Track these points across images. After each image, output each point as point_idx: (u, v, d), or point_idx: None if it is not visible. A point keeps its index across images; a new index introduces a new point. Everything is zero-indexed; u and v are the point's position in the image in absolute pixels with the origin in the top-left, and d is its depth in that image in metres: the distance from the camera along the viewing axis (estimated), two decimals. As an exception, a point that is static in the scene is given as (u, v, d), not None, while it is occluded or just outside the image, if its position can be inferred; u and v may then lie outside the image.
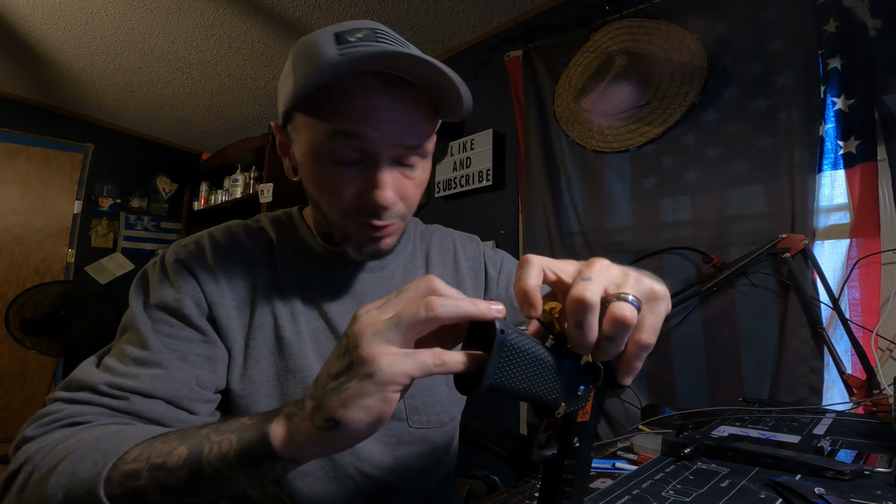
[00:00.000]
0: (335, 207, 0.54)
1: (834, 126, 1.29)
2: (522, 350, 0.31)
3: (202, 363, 0.54)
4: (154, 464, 0.38)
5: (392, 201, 0.53)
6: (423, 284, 0.33)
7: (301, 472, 0.59)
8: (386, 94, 0.49)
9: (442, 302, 0.30)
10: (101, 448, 0.40)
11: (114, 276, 3.52)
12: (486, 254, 0.78)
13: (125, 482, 0.38)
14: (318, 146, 0.51)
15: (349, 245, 0.57)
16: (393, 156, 0.52)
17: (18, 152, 3.21)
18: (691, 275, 1.52)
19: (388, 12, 2.15)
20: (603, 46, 1.77)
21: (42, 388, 3.16)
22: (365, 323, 0.32)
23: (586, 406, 0.35)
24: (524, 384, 0.31)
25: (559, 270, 0.34)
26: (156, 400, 0.49)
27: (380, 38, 0.49)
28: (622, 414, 1.59)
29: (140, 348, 0.52)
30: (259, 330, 0.59)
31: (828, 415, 0.92)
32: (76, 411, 0.47)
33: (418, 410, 0.65)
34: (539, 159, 1.94)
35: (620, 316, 0.30)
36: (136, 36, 2.37)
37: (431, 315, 0.30)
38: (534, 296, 0.32)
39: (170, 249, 0.59)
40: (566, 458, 0.35)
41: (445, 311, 0.30)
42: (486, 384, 0.30)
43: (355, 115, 0.48)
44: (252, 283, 0.60)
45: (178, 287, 0.55)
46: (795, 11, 1.37)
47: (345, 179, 0.52)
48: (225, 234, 0.62)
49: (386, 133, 0.50)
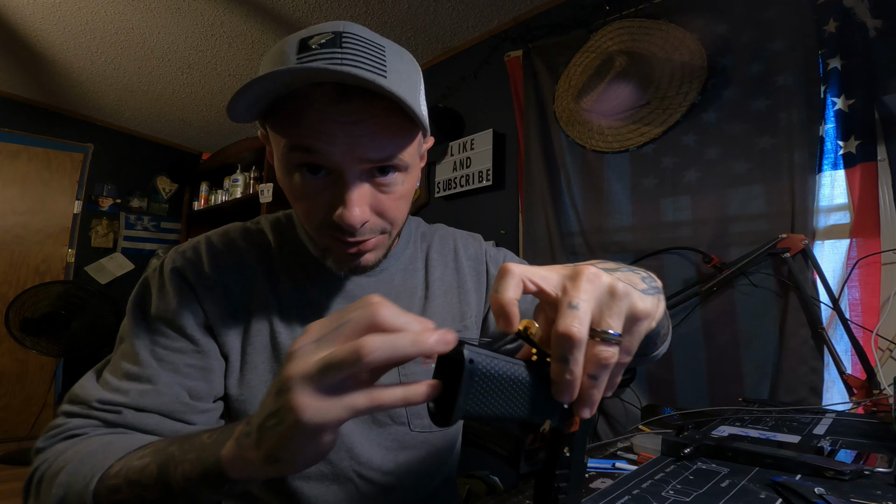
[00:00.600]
0: (308, 220, 0.53)
1: (834, 126, 1.29)
2: (496, 376, 0.29)
3: (196, 374, 0.55)
4: (131, 479, 0.40)
5: (360, 219, 0.50)
6: (364, 317, 0.29)
7: (301, 475, 0.59)
8: (343, 108, 0.46)
9: (377, 345, 0.27)
10: (89, 462, 0.43)
11: (114, 276, 3.52)
12: (488, 253, 0.77)
13: (110, 496, 0.40)
14: (282, 157, 0.50)
15: (328, 258, 0.56)
16: (361, 170, 0.49)
17: (18, 152, 3.21)
18: (691, 275, 1.52)
19: (388, 12, 2.15)
20: (603, 46, 1.77)
21: (42, 388, 3.16)
22: (295, 366, 0.29)
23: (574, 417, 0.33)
24: (502, 409, 0.30)
25: (541, 280, 0.31)
26: (148, 413, 0.51)
27: (345, 43, 0.46)
28: (622, 414, 1.59)
29: (131, 363, 0.53)
30: (256, 336, 0.59)
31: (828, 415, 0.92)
32: (76, 425, 0.49)
33: (420, 415, 0.65)
34: (539, 159, 1.94)
35: (599, 359, 0.29)
36: (136, 36, 2.37)
37: (365, 361, 0.27)
38: (510, 310, 0.30)
39: (168, 257, 0.59)
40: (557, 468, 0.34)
41: (378, 356, 0.27)
42: (458, 416, 0.28)
43: (308, 129, 0.47)
44: (249, 289, 0.59)
45: (174, 297, 0.55)
46: (795, 11, 1.37)
47: (313, 192, 0.50)
48: (222, 239, 0.61)
49: (346, 148, 0.47)
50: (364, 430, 0.62)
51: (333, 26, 0.48)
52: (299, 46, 0.47)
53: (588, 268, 0.31)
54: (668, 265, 1.56)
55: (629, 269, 0.38)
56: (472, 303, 0.71)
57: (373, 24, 2.23)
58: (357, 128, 0.47)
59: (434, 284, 0.70)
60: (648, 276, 0.39)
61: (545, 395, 0.31)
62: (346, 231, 0.50)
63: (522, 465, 0.33)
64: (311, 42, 0.46)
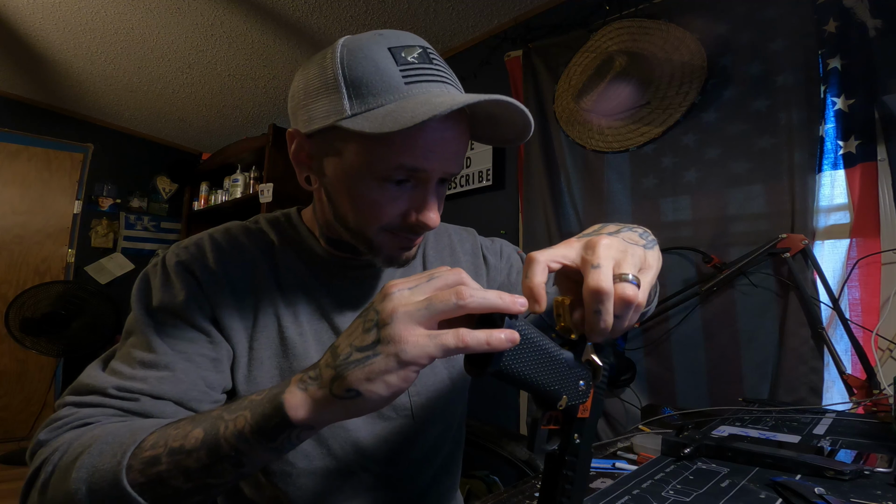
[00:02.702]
0: (371, 223, 0.54)
1: (834, 126, 1.29)
2: (530, 340, 0.33)
3: (207, 364, 0.54)
4: (172, 448, 0.39)
5: (437, 222, 0.55)
6: (453, 275, 0.35)
7: (306, 470, 0.60)
8: (450, 127, 0.50)
9: (472, 293, 0.33)
10: (117, 440, 0.41)
11: (114, 276, 3.52)
12: (483, 245, 0.79)
13: (146, 469, 0.39)
14: (372, 167, 0.50)
15: (378, 256, 0.58)
16: (438, 179, 0.54)
17: (18, 152, 3.21)
18: (691, 275, 1.52)
19: (388, 12, 2.15)
20: (603, 46, 1.77)
21: (42, 388, 3.16)
22: (397, 302, 0.33)
23: (586, 402, 0.36)
24: (530, 372, 0.33)
25: (562, 257, 0.37)
26: (165, 401, 0.50)
27: (432, 58, 0.51)
28: (622, 414, 1.59)
29: (146, 351, 0.52)
30: (262, 331, 0.59)
31: (828, 415, 0.92)
32: (87, 414, 0.47)
33: (423, 406, 0.66)
34: (539, 159, 1.94)
35: (626, 297, 0.34)
36: (136, 36, 2.37)
37: (462, 304, 0.33)
38: (538, 292, 0.35)
39: (169, 251, 0.58)
40: (567, 453, 0.36)
41: (474, 301, 0.33)
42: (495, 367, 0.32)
43: (424, 151, 0.49)
44: (253, 285, 0.59)
45: (181, 289, 0.54)
46: (795, 11, 1.37)
47: (390, 199, 0.53)
48: (224, 235, 0.61)
49: (443, 164, 0.51)
50: (369, 424, 0.62)
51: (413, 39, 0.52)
52: (394, 58, 0.49)
53: (601, 237, 0.37)
54: (668, 265, 1.56)
55: (628, 229, 0.45)
56: None
57: (373, 25, 2.23)
58: (454, 145, 0.52)
59: None
60: (644, 231, 0.46)
61: (565, 371, 0.35)
62: (415, 231, 0.55)
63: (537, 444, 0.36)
64: (404, 53, 0.50)
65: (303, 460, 0.60)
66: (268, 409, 0.36)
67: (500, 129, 0.54)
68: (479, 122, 0.54)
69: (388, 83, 0.48)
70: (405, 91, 0.48)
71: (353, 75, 0.49)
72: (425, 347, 0.32)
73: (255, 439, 0.36)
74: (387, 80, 0.48)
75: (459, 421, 0.75)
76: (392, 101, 0.47)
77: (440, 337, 0.32)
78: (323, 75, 0.51)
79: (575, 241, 0.38)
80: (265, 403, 0.37)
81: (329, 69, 0.50)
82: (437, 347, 0.32)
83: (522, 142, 0.55)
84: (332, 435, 0.60)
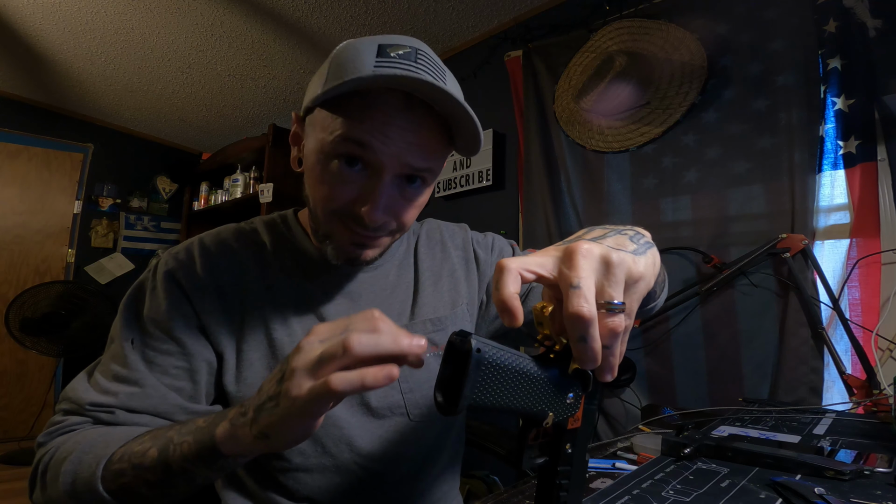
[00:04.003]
0: (324, 204, 0.55)
1: (834, 126, 1.29)
2: (501, 366, 0.30)
3: (183, 375, 0.56)
4: (134, 463, 0.44)
5: (382, 220, 0.54)
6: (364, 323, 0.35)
7: (302, 466, 0.60)
8: (405, 114, 0.50)
9: (360, 341, 0.32)
10: (93, 451, 0.47)
11: (114, 276, 3.52)
12: (474, 239, 0.79)
13: (115, 479, 0.44)
14: (328, 144, 0.52)
15: (329, 245, 0.58)
16: (397, 173, 0.53)
17: (18, 152, 3.21)
18: (691, 275, 1.52)
19: (388, 12, 2.15)
20: (603, 46, 1.77)
21: (42, 388, 3.16)
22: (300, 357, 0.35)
23: (577, 413, 0.34)
24: (505, 399, 0.31)
25: (537, 267, 0.32)
26: (139, 414, 0.53)
27: (419, 59, 0.51)
28: (622, 414, 1.59)
29: (120, 365, 0.55)
30: (251, 334, 0.59)
31: (828, 415, 0.92)
32: (73, 422, 0.52)
33: (418, 405, 0.66)
34: (539, 159, 1.93)
35: (611, 329, 0.31)
36: (136, 36, 2.37)
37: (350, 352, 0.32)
38: (512, 304, 0.31)
39: (161, 259, 0.61)
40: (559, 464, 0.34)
41: (362, 349, 0.33)
42: (465, 404, 0.29)
43: (371, 126, 0.50)
44: (242, 288, 0.60)
45: (164, 300, 0.56)
46: (795, 11, 1.37)
47: (341, 180, 0.53)
48: (214, 239, 0.63)
49: (395, 150, 0.51)
50: (364, 423, 0.63)
51: (409, 41, 0.53)
52: (378, 50, 0.50)
53: (580, 245, 0.32)
54: (668, 265, 1.55)
55: (616, 232, 0.39)
56: (463, 290, 0.73)
57: (373, 24, 2.23)
58: (412, 136, 0.51)
59: (423, 276, 0.71)
60: (636, 233, 0.39)
61: (549, 388, 0.32)
62: (364, 225, 0.54)
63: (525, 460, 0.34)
64: (389, 49, 0.50)
65: (298, 457, 0.60)
66: (205, 438, 0.41)
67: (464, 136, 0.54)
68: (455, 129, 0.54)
69: (358, 67, 0.49)
70: (368, 73, 0.47)
71: (336, 63, 0.51)
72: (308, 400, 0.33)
73: (198, 462, 0.41)
74: (358, 66, 0.49)
75: (460, 422, 0.75)
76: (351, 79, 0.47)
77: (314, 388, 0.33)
78: (321, 69, 0.55)
79: (552, 250, 0.34)
80: (204, 433, 0.41)
81: (326, 63, 0.54)
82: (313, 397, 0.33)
83: (473, 154, 0.55)
84: (326, 433, 0.60)
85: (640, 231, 0.40)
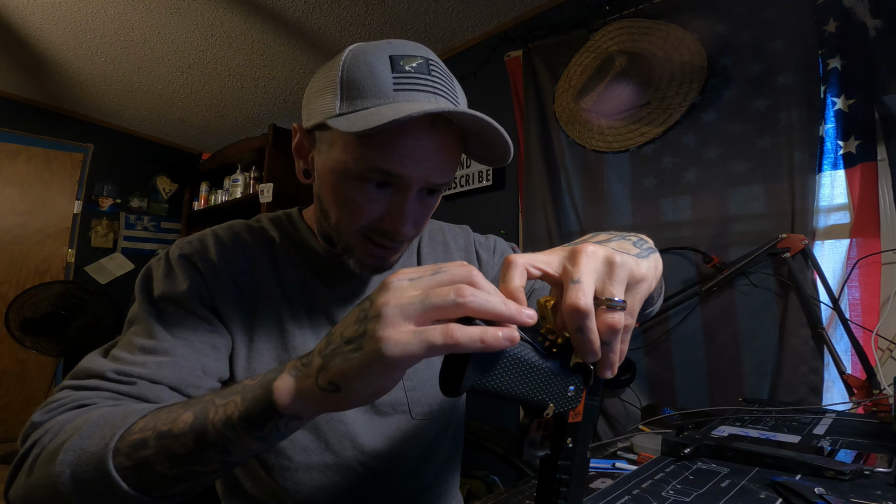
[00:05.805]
0: (348, 223, 0.55)
1: (834, 126, 1.29)
2: (507, 352, 0.31)
3: (208, 351, 0.55)
4: (160, 431, 0.37)
5: (410, 232, 0.55)
6: (462, 270, 0.32)
7: (303, 465, 0.60)
8: (431, 136, 0.50)
9: (474, 292, 0.30)
10: (108, 423, 0.40)
11: (114, 276, 3.52)
12: (476, 241, 0.80)
13: (133, 453, 0.37)
14: (353, 169, 0.51)
15: (351, 258, 0.59)
16: (420, 188, 0.54)
17: (18, 152, 3.21)
18: (691, 275, 1.52)
19: (388, 12, 2.15)
20: (603, 46, 1.77)
21: (42, 388, 3.16)
22: (391, 294, 0.31)
23: (578, 407, 0.35)
24: (507, 385, 0.31)
25: (544, 265, 0.34)
26: (162, 386, 0.50)
27: (433, 71, 0.52)
28: (622, 414, 1.59)
29: (146, 338, 0.52)
30: (262, 323, 0.60)
31: (828, 415, 0.92)
32: (84, 396, 0.47)
33: (420, 402, 0.66)
34: (539, 159, 1.94)
35: (610, 325, 0.32)
36: (136, 36, 2.37)
37: (461, 302, 0.29)
38: (517, 297, 0.32)
39: (173, 246, 0.60)
40: (559, 458, 0.35)
41: (475, 302, 0.30)
42: (466, 387, 0.30)
43: (401, 156, 0.50)
44: (254, 279, 0.61)
45: (183, 279, 0.56)
46: (795, 11, 1.37)
47: (367, 200, 0.53)
48: (227, 231, 0.63)
49: (422, 171, 0.51)
50: (367, 420, 0.63)
51: (417, 49, 0.53)
52: (392, 65, 0.50)
53: (586, 246, 0.33)
54: (668, 265, 1.55)
55: (621, 237, 0.40)
56: None
57: (373, 24, 2.23)
58: (440, 155, 0.52)
59: None
60: (640, 238, 0.41)
61: (550, 378, 0.33)
62: (391, 238, 0.55)
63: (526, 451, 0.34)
64: (402, 62, 0.51)
65: (301, 454, 0.60)
66: (259, 393, 0.35)
67: (487, 148, 0.54)
68: (470, 139, 0.55)
69: (378, 88, 0.49)
70: (391, 97, 0.49)
71: (349, 77, 0.51)
72: (408, 345, 0.29)
73: (243, 427, 0.35)
74: (377, 85, 0.49)
75: (459, 420, 0.75)
76: (376, 105, 0.49)
77: (426, 333, 0.29)
78: (327, 77, 0.54)
79: (559, 249, 0.35)
80: (257, 388, 0.36)
81: (333, 71, 0.53)
82: (421, 345, 0.29)
83: (503, 164, 0.55)
84: (330, 429, 0.60)
85: (643, 238, 0.42)
